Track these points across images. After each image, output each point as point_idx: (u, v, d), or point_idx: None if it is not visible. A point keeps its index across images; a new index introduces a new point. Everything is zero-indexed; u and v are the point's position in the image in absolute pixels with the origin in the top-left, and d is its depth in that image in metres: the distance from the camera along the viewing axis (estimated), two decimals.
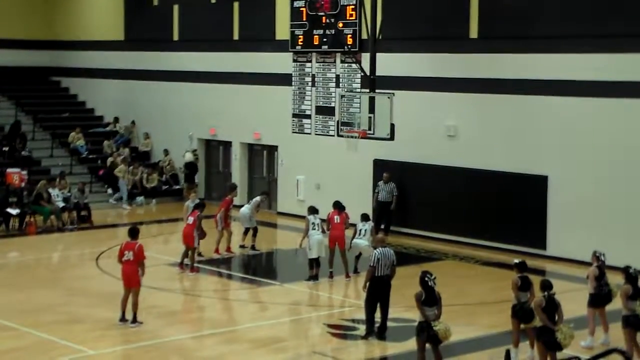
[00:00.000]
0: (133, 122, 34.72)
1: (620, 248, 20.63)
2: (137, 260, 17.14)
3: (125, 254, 17.24)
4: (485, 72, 24.55)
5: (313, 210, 21.40)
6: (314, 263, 20.89)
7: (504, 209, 24.23)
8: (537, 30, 23.64)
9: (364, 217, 21.37)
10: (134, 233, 17.55)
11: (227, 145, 31.82)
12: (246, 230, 24.19)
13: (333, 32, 27.37)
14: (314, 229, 21.01)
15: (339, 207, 21.48)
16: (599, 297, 16.22)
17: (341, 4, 27.29)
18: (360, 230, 21.16)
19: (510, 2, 24.30)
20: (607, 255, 16.53)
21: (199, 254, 22.32)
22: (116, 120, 35.05)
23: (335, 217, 21.30)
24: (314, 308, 19.42)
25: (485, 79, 24.53)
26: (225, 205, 23.63)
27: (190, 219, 21.73)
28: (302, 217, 22.20)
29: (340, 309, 19.35)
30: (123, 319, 17.29)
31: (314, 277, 20.88)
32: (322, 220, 21.41)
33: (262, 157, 30.95)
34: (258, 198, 24.47)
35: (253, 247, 24.12)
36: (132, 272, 17.16)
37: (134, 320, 17.22)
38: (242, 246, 24.25)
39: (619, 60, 22.14)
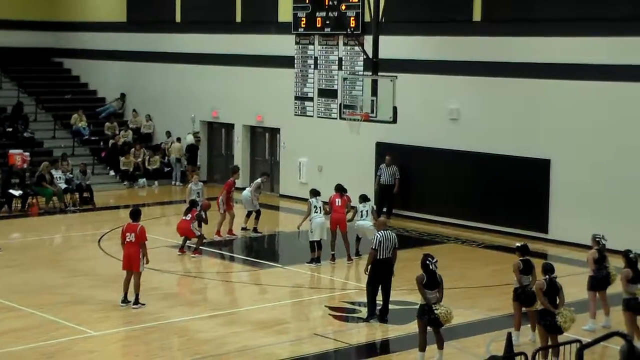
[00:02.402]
0: (123, 95, 34.70)
1: (621, 232, 20.63)
2: (138, 242, 17.19)
3: (127, 235, 17.29)
4: (489, 56, 24.48)
5: (315, 193, 21.40)
6: (316, 245, 20.92)
7: (506, 192, 24.22)
8: (541, 13, 23.57)
9: (363, 198, 21.37)
10: (135, 215, 17.57)
11: (230, 127, 31.80)
12: (249, 213, 24.19)
13: (336, 15, 27.28)
14: (316, 212, 21.02)
15: (340, 190, 21.49)
16: (597, 280, 16.28)
17: None
18: (362, 211, 21.17)
19: None
20: (608, 239, 16.59)
21: (204, 238, 22.28)
22: (117, 98, 35.06)
23: (337, 200, 21.32)
24: (315, 290, 19.45)
25: (489, 62, 24.45)
26: (227, 188, 23.61)
27: (189, 216, 21.72)
28: (304, 200, 22.19)
29: (341, 292, 19.36)
30: (125, 300, 17.34)
31: (316, 260, 20.90)
32: (325, 203, 21.42)
33: (265, 139, 30.91)
34: (259, 180, 24.46)
35: (255, 230, 24.13)
36: (134, 254, 17.20)
37: (136, 302, 17.27)
38: (244, 228, 24.27)
39: (623, 44, 22.07)
